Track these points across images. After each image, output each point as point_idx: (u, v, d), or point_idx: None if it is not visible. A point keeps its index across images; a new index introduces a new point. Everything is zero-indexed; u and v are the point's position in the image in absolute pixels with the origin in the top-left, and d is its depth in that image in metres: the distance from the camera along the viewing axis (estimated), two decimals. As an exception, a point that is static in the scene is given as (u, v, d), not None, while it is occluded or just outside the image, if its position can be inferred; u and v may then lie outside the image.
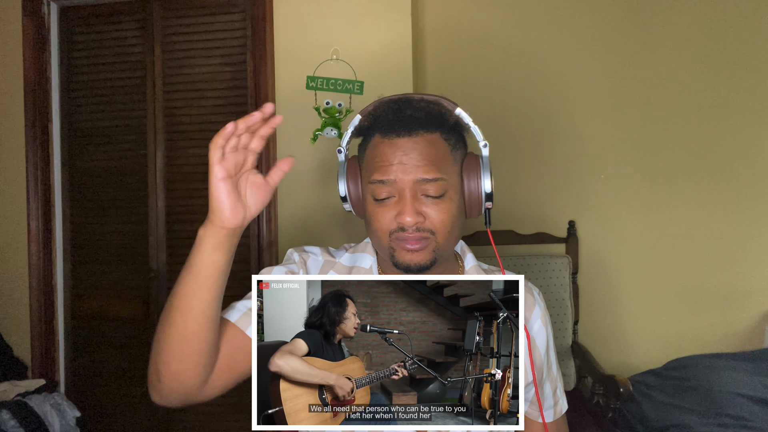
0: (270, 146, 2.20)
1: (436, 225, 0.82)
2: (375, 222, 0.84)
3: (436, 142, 0.83)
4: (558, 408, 0.99)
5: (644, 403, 2.07)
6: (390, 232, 0.83)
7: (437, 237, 0.83)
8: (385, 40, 2.15)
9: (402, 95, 0.88)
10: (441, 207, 0.82)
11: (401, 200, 0.81)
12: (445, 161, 0.83)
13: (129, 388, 2.35)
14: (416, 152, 0.81)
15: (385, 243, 0.84)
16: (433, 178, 0.81)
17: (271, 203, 2.22)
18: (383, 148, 0.83)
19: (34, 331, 2.34)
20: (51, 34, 2.38)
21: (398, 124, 0.82)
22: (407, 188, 0.81)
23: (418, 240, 0.82)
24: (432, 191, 0.81)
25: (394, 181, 0.81)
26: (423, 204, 0.82)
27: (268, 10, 2.20)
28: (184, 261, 0.88)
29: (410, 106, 0.84)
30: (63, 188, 2.41)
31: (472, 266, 0.97)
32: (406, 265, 0.83)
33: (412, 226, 0.81)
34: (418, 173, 0.81)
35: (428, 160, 0.81)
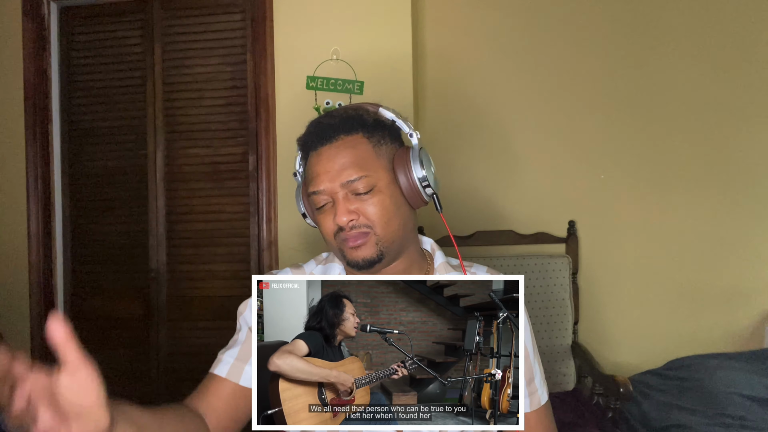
0: (270, 146, 2.20)
1: (371, 219, 0.87)
2: (321, 228, 0.91)
3: (355, 142, 0.89)
4: (535, 398, 0.96)
5: (644, 403, 2.07)
6: (334, 234, 0.89)
7: (376, 230, 0.87)
8: (385, 40, 2.15)
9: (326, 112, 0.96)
10: (372, 201, 0.87)
11: (335, 204, 0.88)
12: (367, 159, 0.88)
13: (129, 388, 2.35)
14: (339, 157, 0.87)
15: (335, 246, 0.90)
16: (357, 178, 0.86)
17: (272, 203, 2.22)
18: (311, 160, 0.91)
19: (34, 331, 2.34)
20: (51, 34, 2.38)
21: (320, 134, 0.90)
22: (338, 192, 0.87)
23: (358, 236, 0.87)
24: (360, 188, 0.87)
25: (324, 190, 0.88)
26: (354, 202, 0.87)
27: (268, 10, 2.20)
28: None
29: (328, 116, 0.92)
30: (63, 188, 2.41)
31: (440, 263, 0.98)
32: (355, 262, 0.88)
33: (347, 225, 0.86)
34: (343, 177, 0.87)
35: (350, 161, 0.87)
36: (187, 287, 2.30)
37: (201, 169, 2.29)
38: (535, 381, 0.97)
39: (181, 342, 2.31)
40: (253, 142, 2.24)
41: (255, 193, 2.25)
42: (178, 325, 2.31)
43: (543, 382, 0.99)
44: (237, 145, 2.26)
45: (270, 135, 2.21)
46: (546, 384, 1.00)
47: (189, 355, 2.30)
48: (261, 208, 2.23)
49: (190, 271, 2.30)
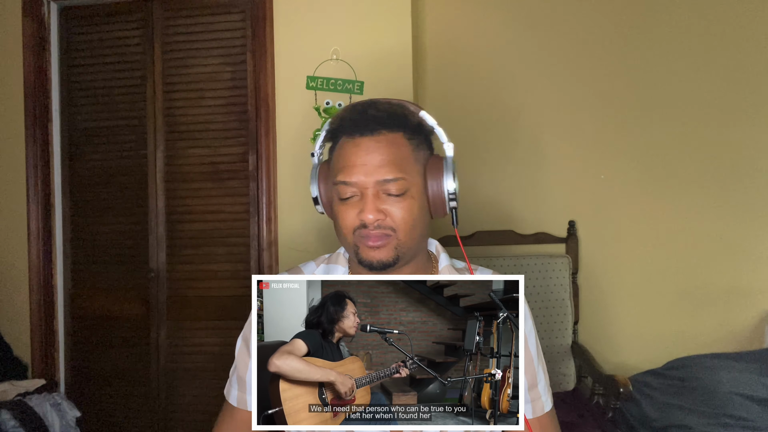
0: (270, 146, 2.20)
1: (397, 222, 0.84)
2: (340, 220, 0.87)
3: (397, 142, 0.86)
4: (538, 405, 0.94)
5: (644, 403, 2.07)
6: (354, 229, 0.85)
7: (398, 234, 0.85)
8: (385, 40, 2.16)
9: (368, 100, 0.91)
10: (402, 205, 0.84)
11: (363, 198, 0.84)
12: (406, 161, 0.86)
13: (129, 388, 2.35)
14: (378, 152, 0.84)
15: (350, 240, 0.86)
16: (393, 178, 0.83)
17: (272, 203, 2.22)
18: (347, 148, 0.86)
19: (34, 331, 2.34)
20: (51, 34, 2.38)
21: (361, 123, 0.85)
22: (369, 187, 0.84)
23: (380, 237, 0.84)
24: (393, 190, 0.84)
25: (356, 182, 0.84)
26: (384, 202, 0.84)
27: (268, 10, 2.20)
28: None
29: (373, 107, 0.87)
30: (63, 188, 2.41)
31: (445, 266, 0.97)
32: (369, 262, 0.85)
33: (372, 223, 0.83)
34: (379, 174, 0.83)
35: (389, 160, 0.84)
36: (187, 287, 2.30)
37: (201, 169, 2.29)
38: (539, 387, 0.95)
39: (181, 342, 2.31)
40: (253, 142, 2.24)
41: (255, 193, 2.25)
42: (178, 325, 2.31)
43: (547, 390, 0.97)
44: (237, 145, 2.26)
45: (270, 135, 2.21)
46: (551, 392, 0.98)
47: (189, 355, 2.30)
48: (261, 208, 2.23)
49: (190, 271, 2.29)
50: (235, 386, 0.97)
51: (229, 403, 0.97)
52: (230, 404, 0.97)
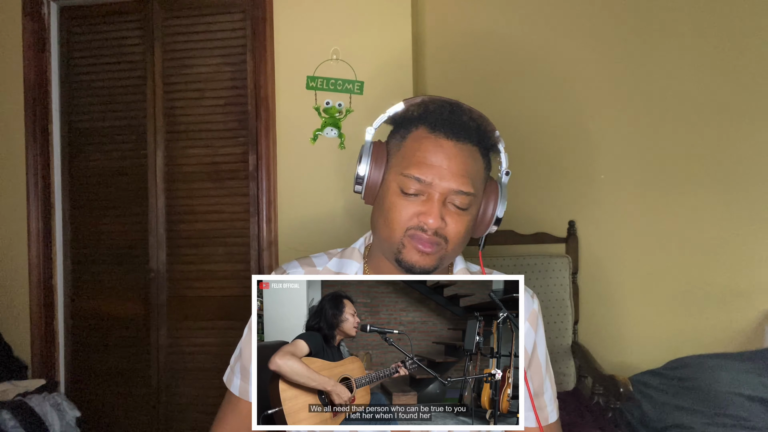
0: (270, 146, 2.20)
1: (452, 234, 0.83)
2: (395, 213, 0.83)
3: (476, 155, 0.85)
4: (543, 415, 0.93)
5: (644, 403, 2.08)
6: (407, 228, 0.82)
7: (449, 246, 0.83)
8: (385, 40, 2.15)
9: (454, 100, 0.88)
10: (461, 219, 0.83)
11: (429, 201, 0.81)
12: (478, 177, 0.85)
13: (129, 388, 2.35)
14: (459, 160, 0.82)
15: (398, 237, 0.83)
16: (467, 192, 0.82)
17: (272, 203, 2.22)
18: (428, 144, 0.82)
19: (34, 331, 2.34)
20: (51, 34, 2.38)
21: (450, 125, 0.83)
22: (439, 192, 0.81)
23: (432, 244, 0.82)
24: (459, 203, 0.82)
25: (430, 183, 0.81)
26: (447, 212, 0.82)
27: (268, 10, 2.20)
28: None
29: (465, 113, 0.85)
30: (63, 188, 2.41)
31: (460, 268, 0.96)
32: (410, 265, 0.82)
33: (432, 229, 0.81)
34: (455, 183, 0.81)
35: (467, 172, 0.82)
36: (187, 287, 2.30)
37: (201, 169, 2.29)
38: (545, 397, 0.94)
39: (181, 342, 2.31)
40: (253, 142, 2.24)
41: (255, 193, 2.25)
42: (178, 325, 2.31)
43: (554, 401, 0.96)
44: (237, 145, 2.26)
45: (270, 135, 2.21)
46: (557, 403, 0.97)
47: (189, 355, 2.30)
48: (261, 208, 2.23)
49: (190, 271, 2.29)
50: (238, 375, 0.95)
51: (231, 393, 0.96)
52: (233, 395, 0.95)
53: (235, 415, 0.95)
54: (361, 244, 0.97)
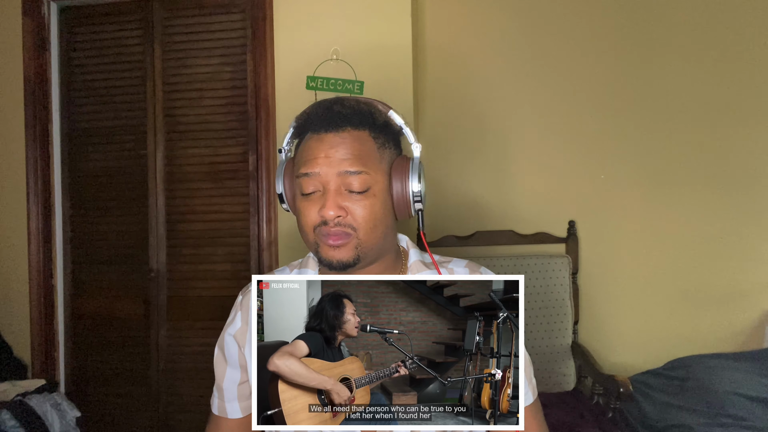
0: (270, 146, 2.20)
1: (357, 221, 0.83)
2: (302, 216, 0.85)
3: (362, 139, 0.85)
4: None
5: (644, 403, 2.07)
6: (314, 227, 0.84)
7: (359, 233, 0.83)
8: (385, 40, 2.15)
9: (335, 97, 0.91)
10: (364, 203, 0.83)
11: (325, 194, 0.83)
12: (370, 158, 0.85)
13: (129, 388, 2.35)
14: (342, 146, 0.83)
15: (311, 238, 0.85)
16: (356, 171, 0.82)
17: (272, 203, 2.22)
18: (311, 143, 0.85)
19: (34, 331, 2.34)
20: (51, 34, 2.38)
21: (326, 119, 0.85)
22: (331, 181, 0.83)
23: (339, 236, 0.82)
24: (355, 186, 0.82)
25: (318, 174, 0.83)
26: (346, 199, 0.83)
27: (268, 10, 2.20)
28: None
29: (340, 104, 0.87)
30: (63, 188, 2.41)
31: (414, 261, 0.95)
32: (329, 262, 0.84)
33: (333, 219, 0.82)
34: (341, 166, 0.82)
35: (353, 154, 0.83)
36: (187, 287, 2.30)
37: (201, 169, 2.29)
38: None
39: (181, 342, 2.31)
40: (253, 142, 2.24)
41: (255, 193, 2.25)
42: (178, 325, 2.31)
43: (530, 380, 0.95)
44: (237, 145, 2.26)
45: (270, 135, 2.21)
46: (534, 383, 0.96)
47: (189, 355, 2.30)
48: (261, 208, 2.23)
49: (190, 271, 2.29)
50: (216, 394, 0.97)
51: (212, 413, 0.98)
52: (214, 414, 0.98)
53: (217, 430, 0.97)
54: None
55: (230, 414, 0.95)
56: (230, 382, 0.94)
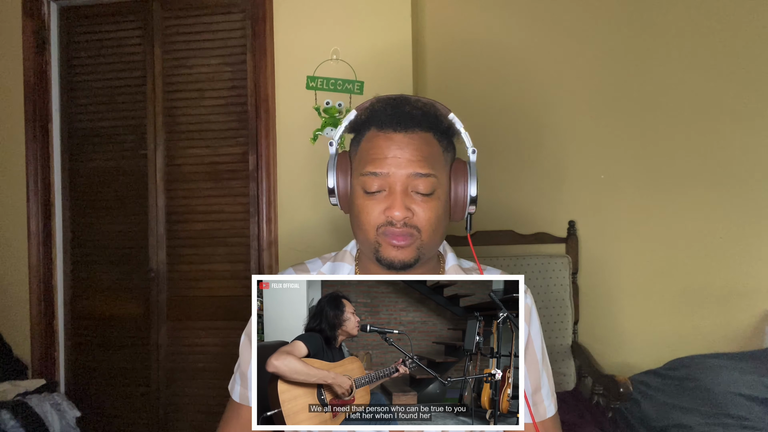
0: (270, 146, 2.20)
1: (422, 222, 0.83)
2: (363, 215, 0.85)
3: (429, 141, 0.85)
4: (540, 410, 0.93)
5: (644, 403, 2.07)
6: (378, 227, 0.84)
7: (422, 235, 0.84)
8: (385, 40, 2.15)
9: (399, 95, 0.90)
10: (429, 205, 0.84)
11: (391, 194, 0.83)
12: (437, 160, 0.85)
13: (129, 388, 2.35)
14: (411, 147, 0.83)
15: (372, 237, 0.85)
16: (425, 174, 0.83)
17: (272, 203, 2.22)
18: (379, 141, 0.85)
19: (34, 331, 2.34)
20: (51, 34, 2.38)
21: (395, 119, 0.84)
22: (399, 182, 0.83)
23: (405, 236, 0.83)
24: (422, 188, 0.83)
25: (387, 174, 0.83)
26: (412, 200, 0.83)
27: (268, 10, 2.20)
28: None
29: (408, 104, 0.86)
30: (63, 188, 2.41)
31: (452, 266, 0.96)
32: (390, 262, 0.84)
33: (400, 221, 0.82)
34: (411, 167, 0.82)
35: (422, 156, 0.83)
36: (187, 287, 2.30)
37: (201, 169, 2.29)
38: (542, 391, 0.94)
39: (181, 342, 2.31)
40: (253, 142, 2.24)
41: (255, 193, 2.25)
42: (178, 325, 2.31)
43: (551, 395, 0.96)
44: (237, 145, 2.26)
45: (270, 135, 2.21)
46: (555, 397, 0.96)
47: (189, 355, 2.30)
48: (261, 208, 2.23)
49: (190, 271, 2.29)
50: (238, 382, 0.97)
51: (233, 400, 0.97)
52: (234, 401, 0.97)
53: (237, 420, 0.96)
54: (352, 246, 0.99)
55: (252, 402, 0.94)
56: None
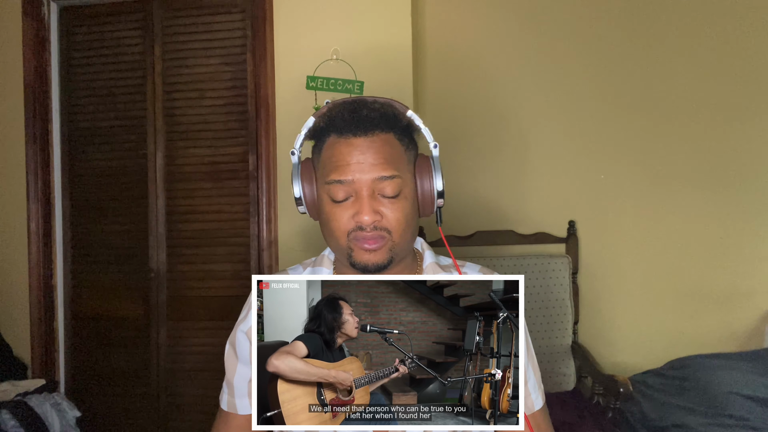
0: (270, 146, 2.20)
1: (392, 224, 0.84)
2: (333, 222, 0.85)
3: (390, 142, 0.86)
4: (528, 402, 0.94)
5: (644, 403, 2.07)
6: (348, 232, 0.84)
7: (393, 236, 0.84)
8: (385, 40, 2.15)
9: (356, 97, 0.90)
10: (397, 206, 0.84)
11: (358, 200, 0.83)
12: (399, 160, 0.86)
13: (129, 388, 2.35)
14: (373, 151, 0.83)
15: (343, 243, 0.85)
16: (390, 176, 0.83)
17: (272, 204, 2.22)
18: (340, 147, 0.85)
19: (34, 331, 2.34)
20: (51, 34, 2.38)
21: (354, 124, 0.84)
22: (365, 187, 0.83)
23: (376, 239, 0.83)
24: (388, 190, 0.83)
25: (352, 180, 0.83)
26: (380, 203, 0.84)
27: (268, 10, 2.20)
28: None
29: (365, 107, 0.86)
30: (63, 188, 2.41)
31: (429, 263, 0.97)
32: (363, 265, 0.85)
33: (370, 225, 0.82)
34: (375, 171, 0.82)
35: (384, 158, 0.83)
36: (187, 287, 2.30)
37: (201, 169, 2.29)
38: (529, 384, 0.95)
39: (181, 342, 2.31)
40: (253, 142, 2.24)
41: (255, 193, 2.25)
42: (178, 325, 2.31)
43: (538, 386, 0.96)
44: (237, 145, 2.26)
45: (270, 135, 2.21)
46: (542, 388, 0.97)
47: (189, 355, 2.30)
48: (261, 208, 2.23)
49: (190, 271, 2.29)
50: (225, 390, 0.98)
51: (222, 409, 0.98)
52: (223, 410, 0.98)
53: (225, 429, 0.97)
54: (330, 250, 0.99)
55: (240, 410, 0.95)
56: (241, 379, 0.95)
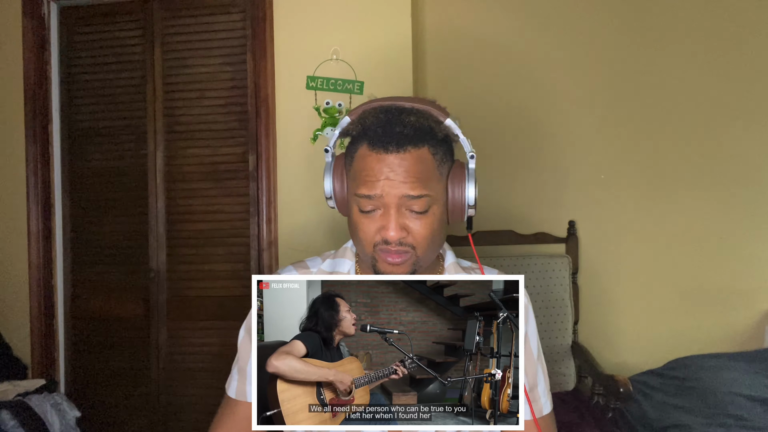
0: (270, 146, 2.20)
1: (417, 240, 0.83)
2: (360, 232, 0.85)
3: (423, 158, 0.83)
4: (537, 407, 0.94)
5: (644, 403, 2.07)
6: (374, 244, 0.84)
7: (417, 251, 0.84)
8: (385, 40, 2.15)
9: (392, 103, 0.86)
10: (424, 222, 0.83)
11: (386, 214, 0.82)
12: (430, 177, 0.83)
13: (129, 388, 2.35)
14: (403, 169, 0.81)
15: (369, 252, 0.85)
16: (418, 195, 0.81)
17: (272, 203, 2.22)
18: (370, 162, 0.83)
19: (34, 331, 2.34)
20: (51, 34, 2.38)
21: (386, 138, 0.82)
22: (392, 203, 0.82)
23: (400, 254, 0.83)
24: (416, 207, 0.82)
25: (381, 195, 0.82)
26: (407, 218, 0.83)
27: (268, 10, 2.20)
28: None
29: (399, 122, 0.83)
30: (63, 188, 2.41)
31: (450, 263, 0.97)
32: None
33: (395, 241, 0.82)
34: (403, 189, 0.81)
35: (415, 177, 0.81)
36: (187, 287, 2.30)
37: (201, 169, 2.29)
38: (538, 389, 0.95)
39: (181, 342, 2.31)
40: (253, 142, 2.24)
41: (255, 193, 2.25)
42: (178, 325, 2.31)
43: (547, 392, 0.97)
44: (237, 145, 2.26)
45: (270, 135, 2.21)
46: (550, 395, 0.98)
47: (189, 355, 2.30)
48: (261, 208, 2.23)
49: (190, 271, 2.29)
50: (236, 378, 0.96)
51: (228, 396, 0.97)
52: (230, 398, 0.97)
53: (232, 417, 0.96)
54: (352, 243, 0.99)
55: (250, 398, 0.94)
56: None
